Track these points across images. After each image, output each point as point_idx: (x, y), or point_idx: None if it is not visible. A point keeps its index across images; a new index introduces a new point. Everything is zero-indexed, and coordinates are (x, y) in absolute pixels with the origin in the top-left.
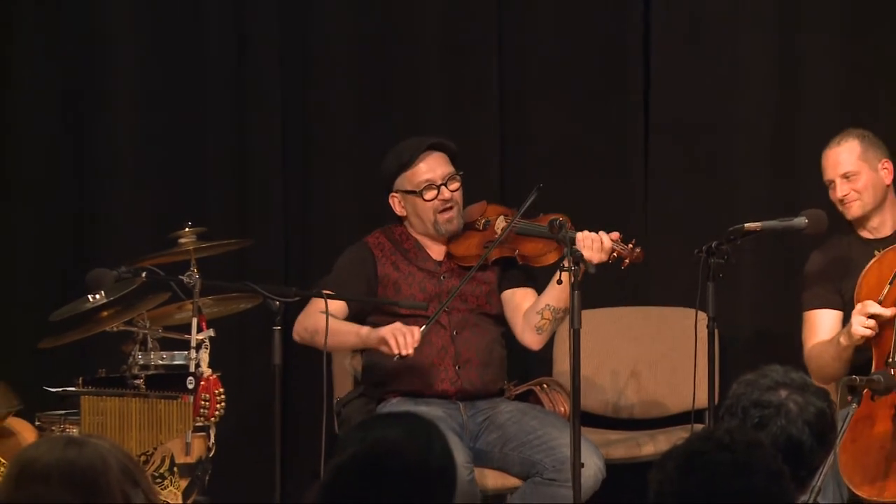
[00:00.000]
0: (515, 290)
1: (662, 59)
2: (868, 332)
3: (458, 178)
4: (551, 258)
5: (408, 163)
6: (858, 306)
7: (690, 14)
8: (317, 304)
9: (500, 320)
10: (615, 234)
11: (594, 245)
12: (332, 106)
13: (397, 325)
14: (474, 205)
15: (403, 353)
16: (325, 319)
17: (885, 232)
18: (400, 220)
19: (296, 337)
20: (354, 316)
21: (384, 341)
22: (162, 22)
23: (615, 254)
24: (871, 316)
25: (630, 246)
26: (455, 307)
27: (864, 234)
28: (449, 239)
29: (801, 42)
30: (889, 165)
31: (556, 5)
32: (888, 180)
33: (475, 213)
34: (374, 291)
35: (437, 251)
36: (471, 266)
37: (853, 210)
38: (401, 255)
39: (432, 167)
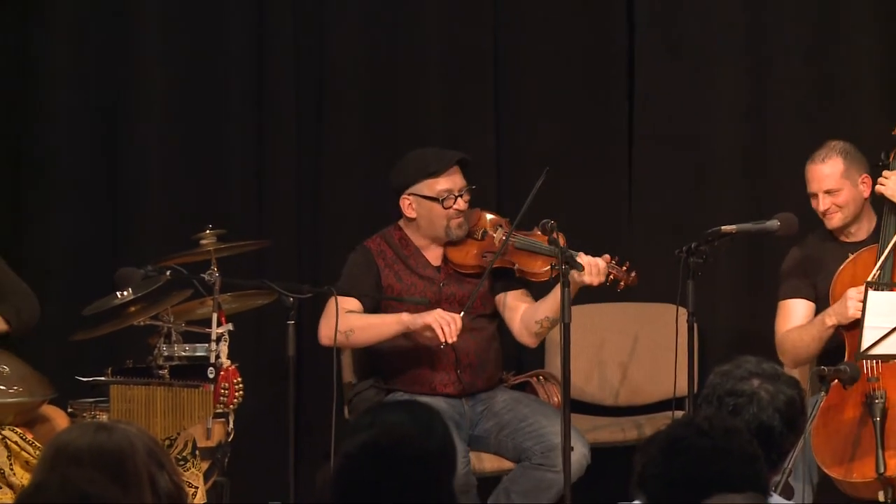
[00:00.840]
0: (508, 292)
1: (646, 75)
2: (858, 314)
3: (469, 190)
4: (544, 275)
5: (434, 172)
6: (852, 291)
7: (671, 34)
8: (334, 306)
9: (494, 317)
10: (607, 257)
11: (592, 270)
12: (341, 120)
13: (440, 311)
14: (471, 211)
15: (449, 340)
16: (336, 317)
17: (861, 237)
18: (397, 222)
19: (326, 341)
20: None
21: (429, 327)
22: (185, 39)
23: (611, 276)
24: (860, 300)
25: (625, 269)
26: (456, 312)
27: (842, 238)
28: (447, 244)
29: (768, 56)
30: (868, 180)
31: (548, 27)
32: (867, 193)
33: (471, 222)
34: (378, 292)
35: (434, 256)
36: (468, 273)
37: (834, 222)
38: (402, 264)
39: (454, 179)
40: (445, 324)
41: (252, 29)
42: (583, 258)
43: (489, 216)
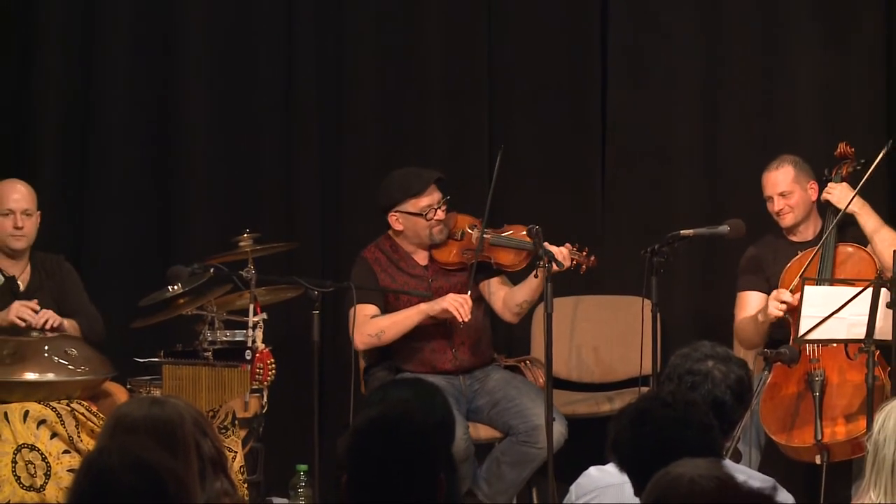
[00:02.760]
0: (490, 280)
1: (616, 98)
2: (779, 313)
3: (446, 201)
4: (520, 266)
5: (416, 193)
6: (774, 293)
7: (638, 63)
8: (360, 312)
9: (480, 301)
10: (568, 245)
11: (558, 256)
12: (358, 139)
13: (452, 295)
14: (447, 217)
15: (466, 319)
16: (379, 319)
17: (808, 237)
18: (387, 232)
19: (361, 346)
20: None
21: (447, 311)
22: (225, 70)
23: (574, 261)
24: (783, 301)
25: (584, 254)
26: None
27: (791, 237)
28: (431, 247)
29: (722, 80)
30: (815, 186)
31: (535, 58)
32: (813, 198)
33: (450, 225)
34: (381, 302)
35: (421, 257)
36: (452, 269)
37: (786, 221)
38: (394, 267)
39: (433, 196)
40: (459, 305)
41: (281, 62)
42: (550, 248)
43: (464, 218)
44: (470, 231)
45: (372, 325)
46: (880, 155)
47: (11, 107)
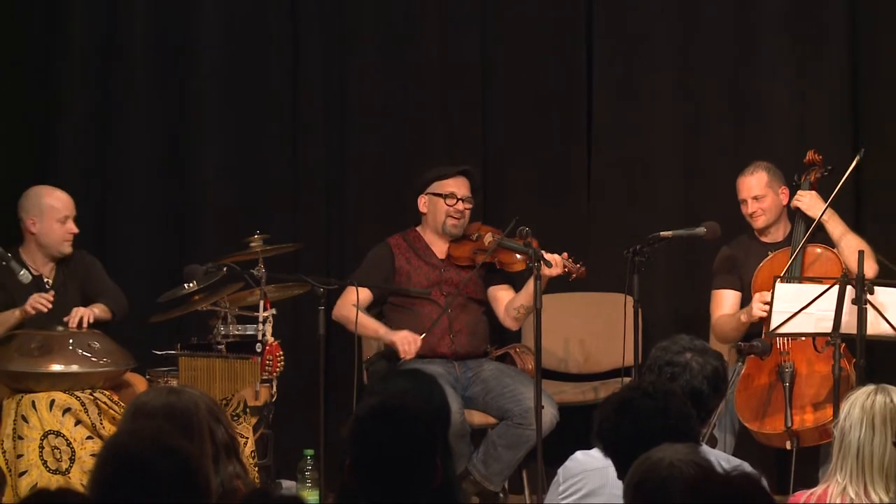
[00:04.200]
0: (498, 287)
1: (601, 109)
2: (763, 314)
3: (471, 201)
4: (519, 266)
5: (444, 175)
6: (757, 295)
7: (622, 76)
8: (349, 294)
9: (483, 302)
10: (564, 255)
11: (553, 262)
12: (361, 147)
13: (405, 333)
14: (472, 223)
15: (407, 357)
16: (356, 311)
17: (778, 238)
18: (415, 225)
19: (334, 317)
20: (377, 299)
21: (395, 344)
22: (236, 86)
23: (566, 269)
24: (766, 303)
25: (578, 265)
26: (451, 293)
27: (763, 238)
28: (450, 242)
29: (698, 92)
30: (786, 191)
31: (526, 73)
32: (784, 202)
33: (472, 228)
34: (391, 280)
35: (440, 250)
36: (462, 265)
37: (759, 222)
38: (413, 253)
39: (459, 185)
40: (407, 343)
41: (289, 76)
42: (546, 255)
43: (485, 227)
44: (485, 237)
45: (350, 312)
46: (850, 167)
47: (39, 117)
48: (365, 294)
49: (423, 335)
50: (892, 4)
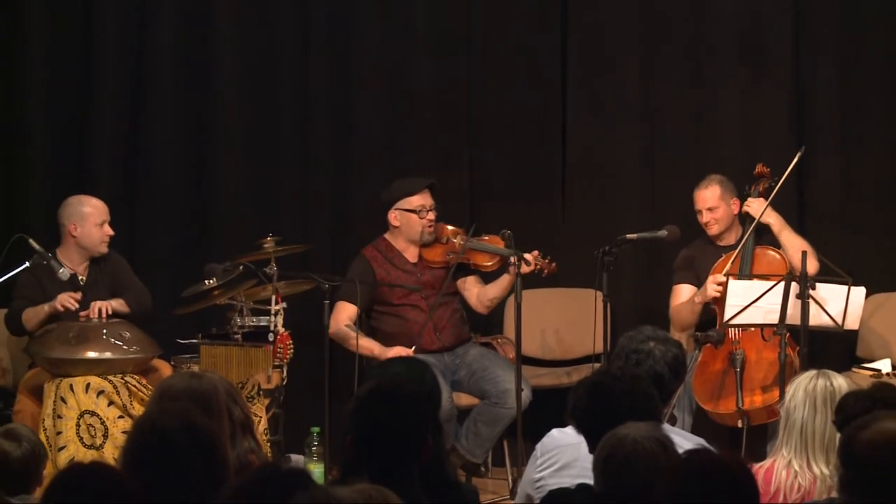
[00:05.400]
0: (466, 278)
1: (574, 124)
2: (716, 294)
3: (436, 208)
4: (491, 268)
5: (411, 192)
6: (711, 277)
7: (592, 94)
8: (340, 312)
9: (456, 293)
10: (535, 252)
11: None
12: (362, 160)
13: (398, 349)
14: (437, 225)
15: None
16: (356, 334)
17: (731, 241)
18: (384, 234)
19: (331, 336)
20: (364, 310)
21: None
22: (253, 100)
23: (538, 265)
24: (719, 283)
25: (547, 261)
26: (430, 295)
27: (718, 242)
28: (422, 246)
29: (659, 108)
30: (737, 202)
31: (508, 90)
32: (735, 211)
33: (438, 232)
34: (373, 289)
35: (411, 255)
36: (436, 266)
37: (713, 230)
38: (389, 263)
39: (425, 198)
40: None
41: (300, 95)
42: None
43: (450, 228)
44: (453, 238)
45: (344, 331)
46: (793, 162)
47: (76, 131)
48: (352, 311)
49: (413, 347)
50: (831, 28)
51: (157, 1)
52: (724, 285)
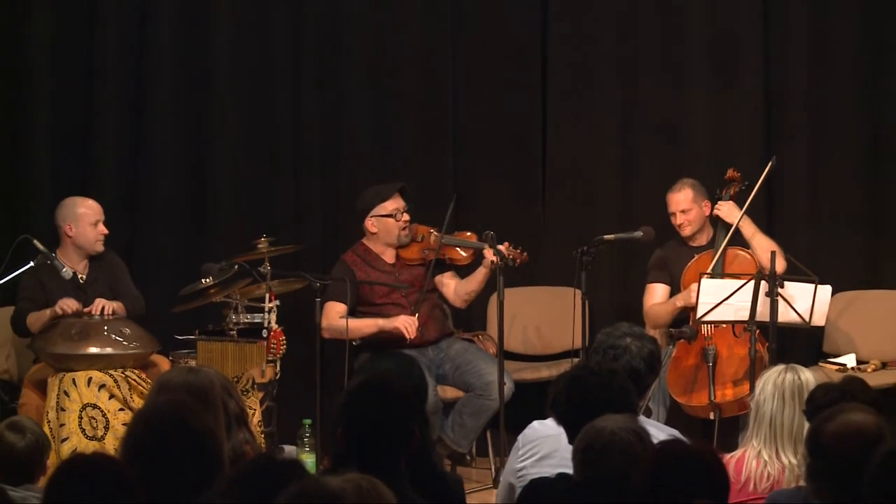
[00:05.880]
0: (443, 274)
1: (554, 134)
2: (694, 301)
3: (408, 209)
4: (466, 261)
5: (385, 198)
6: (694, 285)
7: (571, 106)
8: (331, 310)
9: (435, 290)
10: (507, 244)
11: (492, 253)
12: (351, 164)
13: (403, 317)
14: (411, 226)
15: (412, 336)
16: (346, 321)
17: (703, 243)
18: (361, 239)
19: (326, 335)
20: (351, 310)
21: (398, 329)
22: (247, 113)
23: (510, 255)
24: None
25: (519, 251)
26: (410, 293)
27: (691, 243)
28: (399, 247)
29: (632, 118)
30: (708, 204)
31: (490, 102)
32: (707, 213)
33: (413, 232)
34: (357, 291)
35: (389, 257)
36: (414, 263)
37: (685, 232)
38: (368, 266)
39: (397, 201)
40: (409, 324)
41: (291, 106)
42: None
43: (423, 227)
44: (428, 236)
45: (339, 324)
46: (763, 174)
47: (78, 134)
48: (341, 308)
49: (416, 314)
50: (798, 37)
51: (156, 5)
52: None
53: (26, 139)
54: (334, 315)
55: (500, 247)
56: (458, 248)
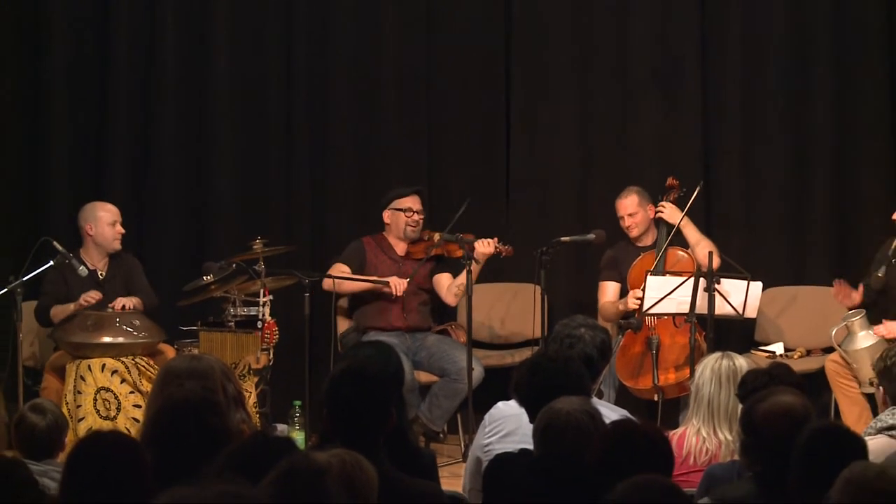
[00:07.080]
0: (440, 275)
1: (517, 142)
2: (635, 306)
3: (422, 213)
4: (458, 254)
5: (402, 195)
6: (631, 292)
7: (533, 117)
8: (334, 269)
9: (429, 290)
10: (495, 238)
11: (485, 246)
12: (338, 172)
13: (395, 277)
14: (424, 230)
15: (399, 293)
16: (333, 281)
17: (648, 243)
18: (382, 230)
19: (325, 287)
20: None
21: (388, 284)
22: (244, 119)
23: (497, 248)
24: (638, 298)
25: (506, 246)
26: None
27: (637, 244)
28: (409, 243)
29: (588, 129)
30: (652, 208)
31: (460, 117)
32: (651, 216)
33: (424, 234)
34: (362, 266)
35: (400, 249)
36: (417, 258)
37: (633, 233)
38: (379, 249)
39: (413, 202)
40: (398, 283)
41: (284, 111)
42: (482, 241)
43: (435, 232)
44: (433, 236)
45: (338, 281)
46: (693, 195)
47: (93, 147)
48: (345, 269)
49: (409, 280)
50: (733, 63)
51: (162, 23)
52: (642, 298)
53: (47, 151)
54: (336, 272)
55: (491, 241)
56: (455, 244)
